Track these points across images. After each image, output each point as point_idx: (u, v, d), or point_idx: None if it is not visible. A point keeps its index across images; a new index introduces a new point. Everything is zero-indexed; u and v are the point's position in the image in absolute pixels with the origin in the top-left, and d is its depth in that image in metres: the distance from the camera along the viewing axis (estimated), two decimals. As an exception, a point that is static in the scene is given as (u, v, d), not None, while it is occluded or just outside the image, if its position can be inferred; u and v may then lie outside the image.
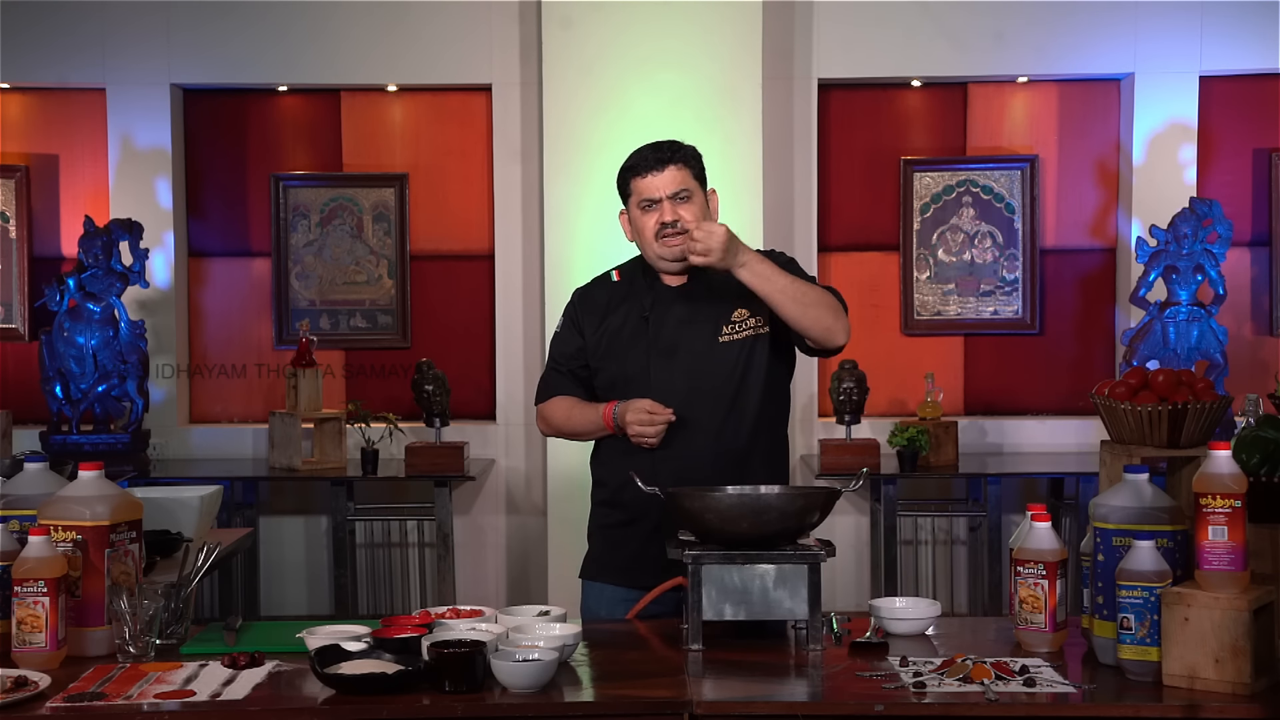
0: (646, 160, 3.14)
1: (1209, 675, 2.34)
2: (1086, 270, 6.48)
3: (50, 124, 6.44)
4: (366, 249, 6.49)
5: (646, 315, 3.17)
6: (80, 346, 5.90)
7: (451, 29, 6.26)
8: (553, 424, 3.28)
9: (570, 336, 3.26)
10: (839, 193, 6.47)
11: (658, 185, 3.13)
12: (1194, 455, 2.65)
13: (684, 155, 3.16)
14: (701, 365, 3.12)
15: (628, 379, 3.15)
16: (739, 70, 5.84)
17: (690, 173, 3.16)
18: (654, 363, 3.14)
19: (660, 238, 3.13)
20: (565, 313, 3.30)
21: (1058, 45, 6.27)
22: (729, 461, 3.08)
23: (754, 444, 3.13)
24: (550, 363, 3.32)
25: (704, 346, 3.13)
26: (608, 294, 3.26)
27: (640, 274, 3.24)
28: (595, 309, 3.24)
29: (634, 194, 3.17)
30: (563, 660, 2.49)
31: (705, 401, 3.10)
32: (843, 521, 6.19)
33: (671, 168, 3.12)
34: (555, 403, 3.26)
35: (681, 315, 3.16)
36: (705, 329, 3.14)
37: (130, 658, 2.59)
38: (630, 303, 3.21)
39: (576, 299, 3.30)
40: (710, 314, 3.14)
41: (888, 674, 2.47)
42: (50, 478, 2.86)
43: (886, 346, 6.48)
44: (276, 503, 6.37)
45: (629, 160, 3.19)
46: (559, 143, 5.86)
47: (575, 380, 3.25)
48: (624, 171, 3.20)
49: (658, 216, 3.13)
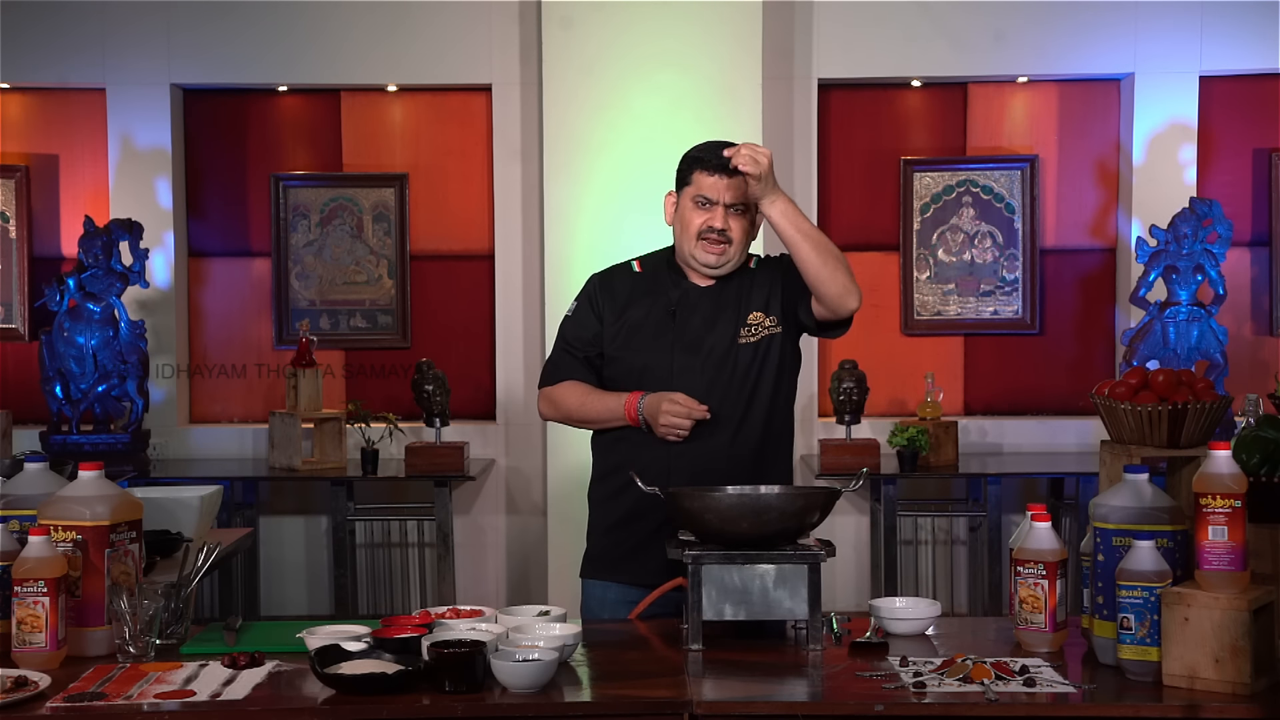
0: (717, 158, 3.08)
1: (1209, 675, 2.34)
2: (1086, 270, 6.48)
3: (50, 124, 6.44)
4: (366, 249, 6.49)
5: (673, 310, 3.15)
6: (80, 346, 5.90)
7: (451, 29, 6.26)
8: (562, 408, 3.21)
9: (588, 320, 3.21)
10: (839, 193, 6.47)
11: (720, 188, 3.09)
12: (1194, 455, 2.65)
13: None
14: (722, 364, 3.11)
15: (648, 372, 3.13)
16: (739, 70, 5.84)
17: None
18: (677, 358, 3.13)
19: (702, 239, 3.11)
20: (583, 296, 3.25)
21: (1058, 45, 6.27)
22: (743, 460, 3.09)
23: (766, 443, 3.14)
24: (561, 344, 3.24)
25: (725, 346, 3.12)
26: (629, 284, 3.22)
27: (665, 268, 3.22)
28: (616, 297, 3.21)
29: (693, 185, 3.13)
30: (563, 660, 2.49)
31: (724, 400, 3.10)
32: (843, 521, 6.19)
33: (739, 177, 3.07)
34: (566, 387, 3.20)
35: (706, 314, 3.15)
36: (727, 330, 3.13)
37: (130, 658, 2.59)
38: (654, 296, 3.18)
39: (597, 283, 3.25)
40: (731, 316, 3.13)
41: (888, 674, 2.47)
42: (50, 478, 2.86)
43: (886, 346, 6.48)
44: (276, 503, 6.37)
45: (699, 150, 3.14)
46: (559, 143, 5.86)
47: (588, 365, 3.20)
48: (690, 160, 3.15)
49: (708, 218, 3.10)
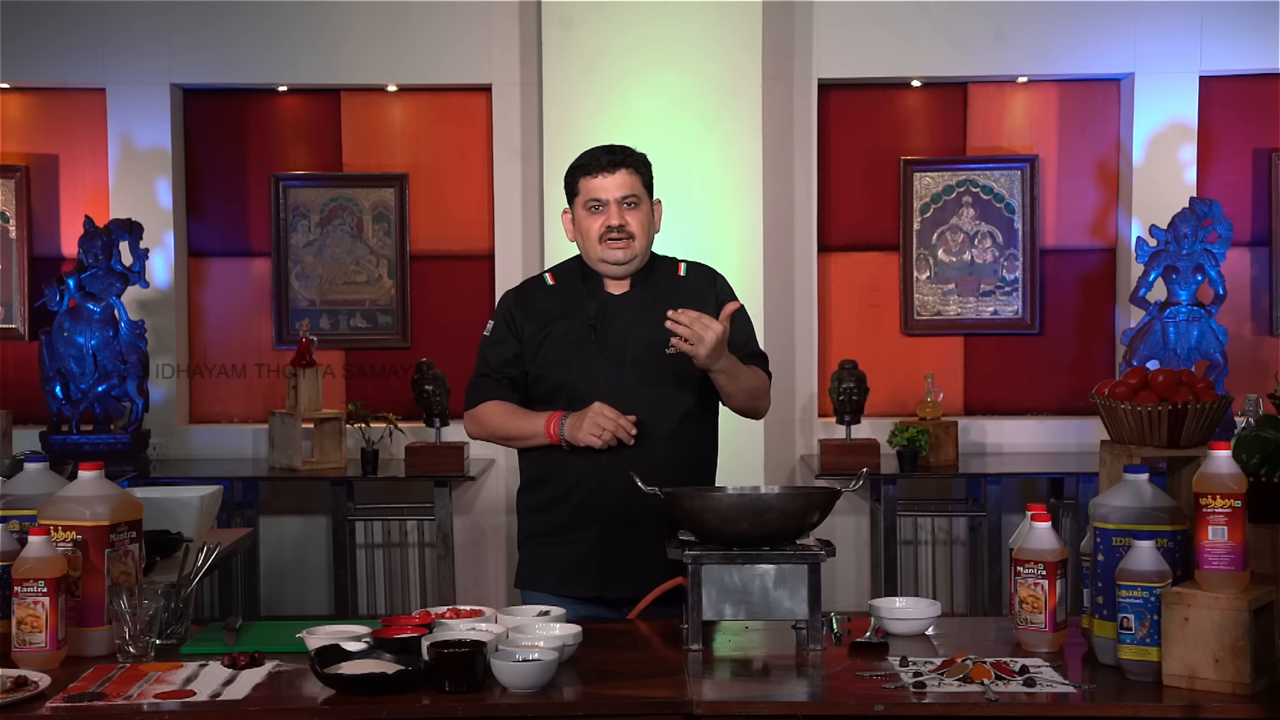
0: (598, 160, 3.11)
1: (1209, 675, 2.34)
2: (1086, 270, 6.48)
3: (50, 124, 6.45)
4: (366, 249, 6.49)
5: (593, 323, 3.13)
6: (80, 346, 5.90)
7: (451, 29, 6.26)
8: (486, 428, 3.19)
9: (507, 341, 3.18)
10: (839, 193, 6.47)
11: (607, 187, 3.10)
12: (1194, 455, 2.65)
13: (635, 161, 3.14)
14: (647, 373, 3.09)
15: (575, 385, 3.11)
16: (739, 70, 5.84)
17: (640, 179, 3.14)
18: (602, 371, 3.10)
19: (604, 240, 3.11)
20: (497, 316, 3.23)
21: (1058, 45, 6.27)
22: (677, 464, 3.07)
23: (698, 444, 3.17)
24: (482, 366, 3.21)
25: (651, 356, 3.08)
26: (545, 298, 3.20)
27: (580, 278, 3.19)
28: (534, 313, 3.18)
29: (581, 193, 3.14)
30: (563, 660, 2.49)
31: (654, 408, 3.08)
32: (843, 521, 6.19)
33: (623, 171, 3.10)
34: (489, 407, 3.18)
35: (627, 321, 3.13)
36: (650, 337, 3.09)
37: (130, 658, 2.59)
38: (572, 309, 3.16)
39: (512, 302, 3.22)
40: (655, 324, 3.06)
41: (888, 674, 2.47)
42: (50, 478, 2.86)
43: (886, 346, 6.48)
44: (276, 503, 6.37)
45: (579, 159, 3.16)
46: (559, 143, 5.85)
47: (510, 385, 3.18)
48: (573, 170, 3.16)
49: (604, 219, 3.10)
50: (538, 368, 3.16)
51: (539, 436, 3.11)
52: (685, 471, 3.09)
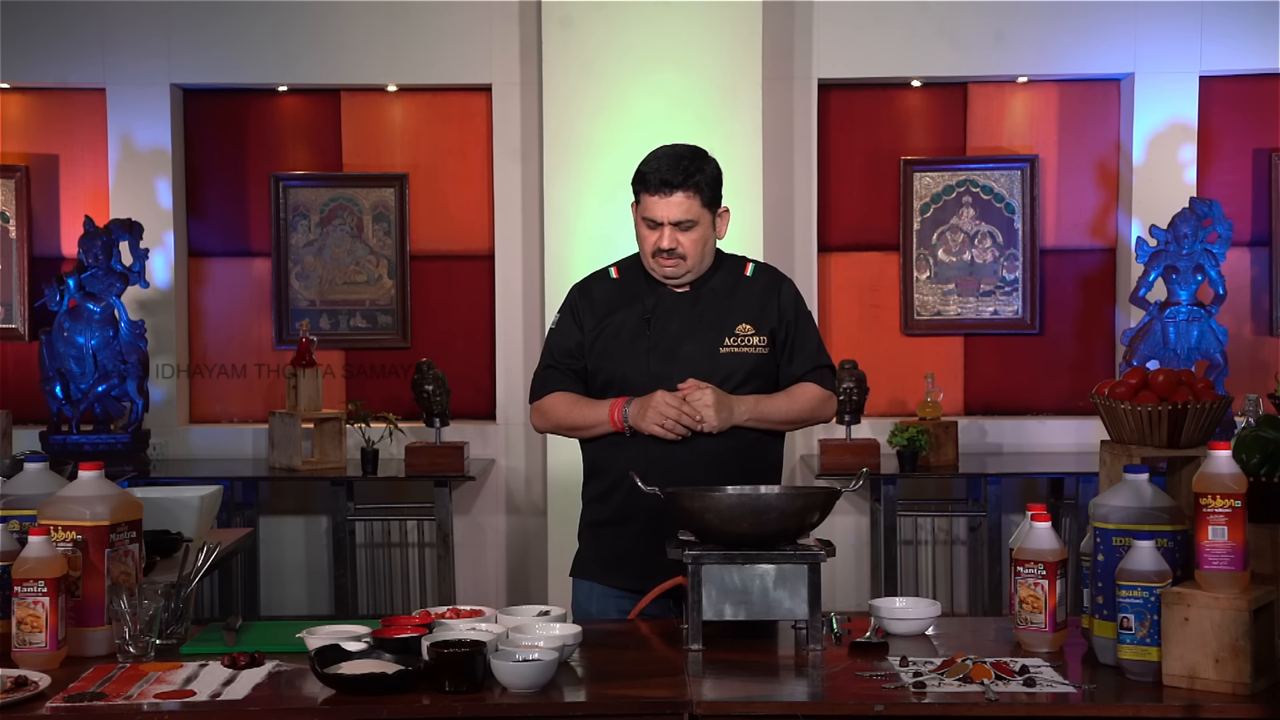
0: (658, 175, 3.06)
1: (1209, 675, 2.34)
2: (1086, 270, 6.48)
3: (50, 124, 6.45)
4: (366, 249, 6.49)
5: (648, 318, 3.15)
6: (80, 346, 5.90)
7: (451, 29, 6.26)
8: (552, 419, 3.22)
9: (570, 331, 3.21)
10: (839, 193, 6.47)
11: (661, 210, 3.07)
12: (1194, 455, 2.65)
13: (695, 182, 3.07)
14: (701, 372, 3.09)
15: (626, 380, 3.13)
16: (739, 70, 5.84)
17: (700, 200, 3.08)
18: (654, 366, 3.11)
19: (655, 257, 3.12)
20: (565, 307, 3.25)
21: (1058, 45, 6.27)
22: (721, 467, 3.05)
23: (751, 446, 3.13)
24: (547, 357, 3.24)
25: (705, 354, 3.10)
26: (608, 291, 3.22)
27: (642, 273, 3.21)
28: (596, 305, 3.20)
29: (640, 205, 3.13)
30: (563, 660, 2.49)
31: None
32: (843, 521, 6.19)
33: (680, 194, 3.06)
34: (554, 398, 3.20)
35: (684, 321, 3.14)
36: (707, 338, 3.12)
37: (130, 658, 2.59)
38: (631, 302, 3.18)
39: (576, 293, 3.25)
40: (713, 322, 3.12)
41: (888, 674, 2.47)
42: (50, 478, 2.86)
43: (886, 346, 6.48)
44: (276, 503, 6.37)
45: (644, 165, 3.12)
46: (559, 143, 5.86)
47: (574, 376, 3.20)
48: (637, 175, 3.13)
49: (656, 238, 3.10)
50: (594, 360, 3.17)
51: (604, 424, 3.11)
52: (745, 469, 3.05)
